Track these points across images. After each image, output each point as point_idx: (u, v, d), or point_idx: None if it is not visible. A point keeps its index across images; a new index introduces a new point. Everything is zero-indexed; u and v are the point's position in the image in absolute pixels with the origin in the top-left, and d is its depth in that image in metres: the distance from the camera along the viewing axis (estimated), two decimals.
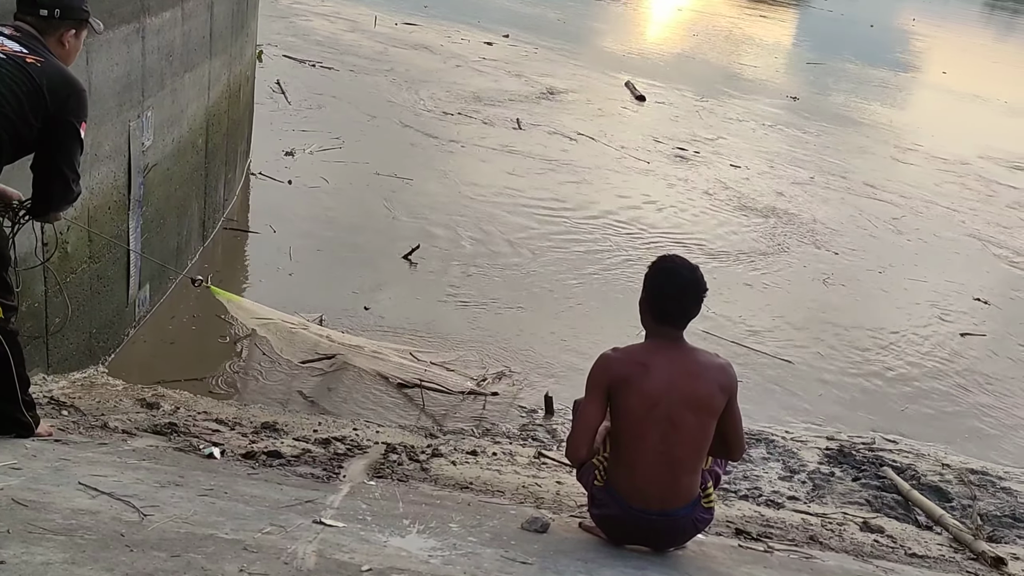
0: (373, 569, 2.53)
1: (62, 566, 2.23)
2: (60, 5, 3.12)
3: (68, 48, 3.20)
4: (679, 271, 3.03)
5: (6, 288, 3.10)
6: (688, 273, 3.02)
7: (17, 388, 3.15)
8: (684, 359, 2.99)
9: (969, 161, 13.60)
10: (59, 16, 3.12)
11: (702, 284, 3.00)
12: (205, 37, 6.20)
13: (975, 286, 8.60)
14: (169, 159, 5.57)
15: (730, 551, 3.50)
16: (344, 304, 6.25)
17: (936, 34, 30.88)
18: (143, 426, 3.97)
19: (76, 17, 3.19)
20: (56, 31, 3.14)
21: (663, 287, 3.01)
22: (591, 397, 2.99)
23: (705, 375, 2.97)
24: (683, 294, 3.00)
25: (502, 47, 16.32)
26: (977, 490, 4.96)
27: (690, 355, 3.02)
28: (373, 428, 4.70)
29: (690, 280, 3.00)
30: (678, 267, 3.05)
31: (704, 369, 2.98)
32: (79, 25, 3.22)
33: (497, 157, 10.21)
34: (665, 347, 3.01)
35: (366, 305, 6.27)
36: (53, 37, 3.13)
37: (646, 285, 3.06)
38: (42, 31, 3.10)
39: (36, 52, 3.03)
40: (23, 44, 3.03)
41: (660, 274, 3.04)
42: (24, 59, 2.98)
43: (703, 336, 6.10)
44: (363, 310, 6.20)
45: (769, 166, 11.72)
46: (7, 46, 2.99)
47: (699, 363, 3.00)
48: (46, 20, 3.11)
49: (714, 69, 18.24)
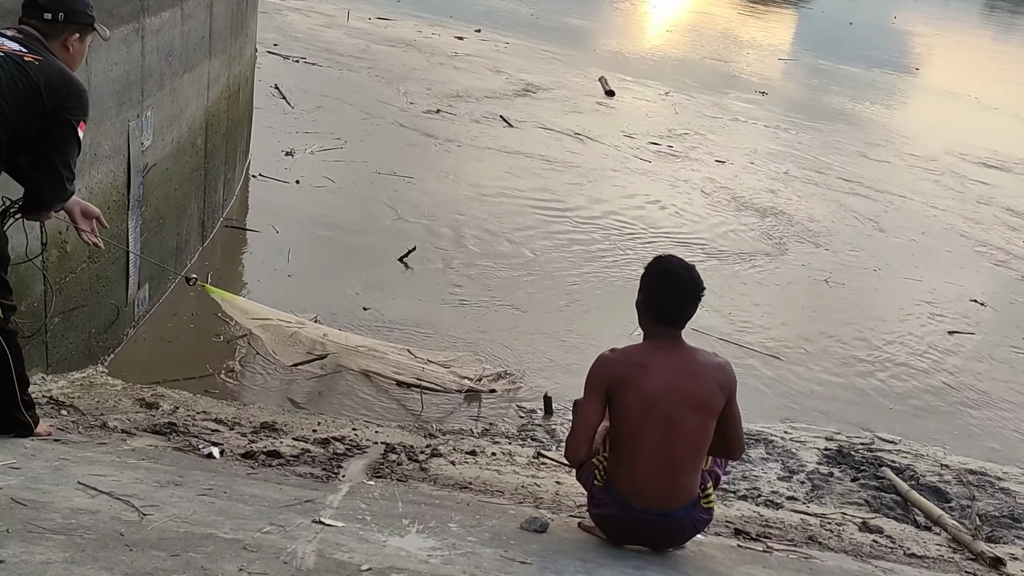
0: (372, 568, 2.53)
1: (61, 565, 2.23)
2: (64, 8, 3.13)
3: (72, 52, 3.20)
4: (677, 271, 3.04)
5: (6, 288, 3.10)
6: (686, 273, 3.02)
7: (16, 388, 3.16)
8: (683, 359, 2.99)
9: (937, 157, 13.63)
10: (63, 20, 3.13)
11: (700, 283, 3.01)
12: (204, 37, 6.20)
13: (972, 286, 8.62)
14: (168, 159, 5.57)
15: (729, 551, 3.50)
16: (344, 304, 6.24)
17: (920, 32, 30.75)
18: (142, 426, 3.97)
19: (80, 21, 3.20)
20: (60, 35, 3.15)
21: (661, 288, 3.01)
22: (590, 398, 3.00)
23: (704, 374, 2.97)
24: (682, 294, 3.00)
25: (475, 42, 16.35)
26: (976, 490, 4.96)
27: (689, 354, 3.02)
28: (372, 428, 4.70)
29: (688, 280, 3.00)
30: (676, 267, 3.05)
31: (703, 368, 2.99)
32: (83, 29, 3.22)
33: (493, 156, 10.24)
34: (663, 347, 3.01)
35: (365, 306, 6.26)
36: (57, 41, 3.14)
37: (644, 286, 3.06)
38: (46, 34, 3.11)
39: (35, 52, 3.03)
40: (23, 44, 3.03)
41: (658, 275, 3.05)
42: (22, 57, 2.99)
43: (704, 336, 6.11)
44: (362, 310, 6.20)
45: (750, 161, 11.76)
46: (6, 46, 3.00)
47: (698, 362, 3.00)
48: (50, 24, 3.12)
49: (689, 64, 18.30)
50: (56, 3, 3.12)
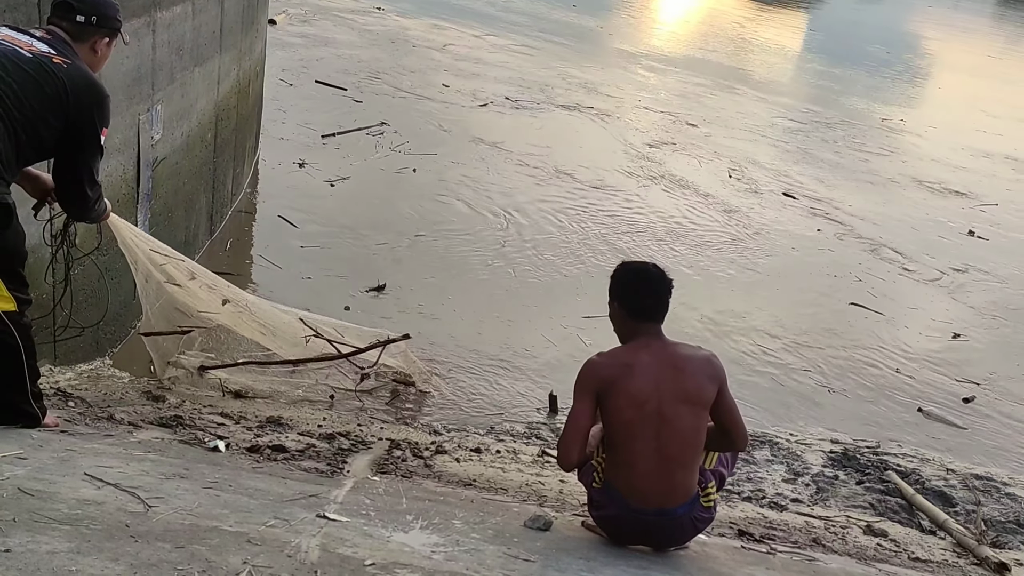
0: (376, 564, 2.54)
1: (67, 555, 2.24)
2: (97, 13, 3.17)
3: (99, 56, 3.24)
4: (646, 267, 3.18)
5: (22, 282, 3.12)
6: (654, 268, 3.16)
7: (27, 380, 3.17)
8: (668, 354, 3.03)
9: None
10: (95, 23, 3.17)
11: (667, 275, 3.13)
12: (215, 32, 6.21)
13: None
14: (178, 153, 5.59)
15: (732, 552, 3.50)
16: (347, 304, 6.24)
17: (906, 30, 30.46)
18: (149, 418, 3.99)
19: (111, 26, 3.24)
20: (90, 38, 3.18)
21: (636, 284, 3.11)
22: (579, 402, 3.03)
23: (690, 367, 3.00)
24: (656, 286, 3.09)
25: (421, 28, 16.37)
26: (981, 495, 4.94)
27: (673, 349, 3.06)
28: (377, 424, 4.71)
29: (657, 274, 3.13)
30: (643, 265, 3.20)
31: (688, 362, 3.02)
32: (112, 34, 3.26)
33: (503, 161, 10.26)
34: (647, 346, 3.04)
35: (381, 289, 6.19)
36: (86, 44, 3.17)
37: (616, 290, 3.14)
38: (75, 37, 3.14)
39: (64, 55, 3.05)
40: (51, 46, 3.05)
41: (629, 274, 3.16)
42: (51, 59, 3.01)
43: (704, 336, 6.11)
44: (359, 311, 6.16)
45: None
46: (35, 47, 3.02)
47: (683, 356, 3.04)
48: (81, 26, 3.14)
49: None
50: (90, 6, 3.16)
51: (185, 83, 5.55)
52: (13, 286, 3.06)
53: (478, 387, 5.46)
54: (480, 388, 5.46)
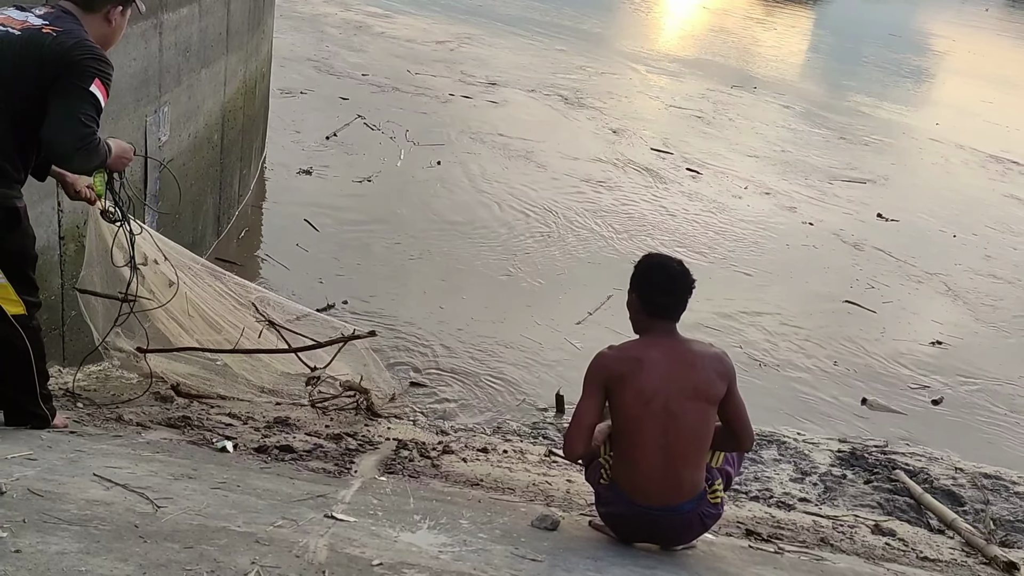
0: (384, 563, 2.54)
1: (76, 556, 2.25)
2: None
3: (114, 26, 3.11)
4: (669, 263, 3.11)
5: (31, 285, 3.12)
6: (677, 265, 3.10)
7: (36, 382, 3.18)
8: (679, 350, 3.01)
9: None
10: None
11: (690, 275, 3.08)
12: (222, 33, 6.23)
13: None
14: (185, 154, 5.60)
15: (740, 551, 3.50)
16: (353, 303, 6.25)
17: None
18: (157, 419, 4.00)
19: None
20: (103, 7, 3.06)
21: (655, 281, 3.06)
22: (587, 395, 3.02)
23: (701, 363, 2.99)
24: (674, 285, 3.05)
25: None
26: (990, 494, 4.93)
27: (684, 345, 3.04)
28: (384, 424, 4.71)
29: (679, 271, 3.07)
30: (666, 260, 3.14)
31: (699, 358, 3.00)
32: (127, 2, 3.14)
33: (502, 157, 10.26)
34: (659, 341, 3.03)
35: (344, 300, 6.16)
36: (99, 14, 3.05)
37: (636, 283, 3.10)
38: (87, 7, 3.03)
39: (56, 25, 2.91)
40: (45, 18, 2.94)
41: (650, 268, 3.11)
42: (40, 30, 2.89)
43: (706, 339, 6.10)
44: (364, 310, 6.17)
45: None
46: (29, 22, 2.92)
47: (694, 352, 3.02)
48: None
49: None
50: None
51: (192, 85, 5.56)
52: (22, 289, 3.06)
53: (485, 387, 5.47)
54: (486, 388, 5.46)
